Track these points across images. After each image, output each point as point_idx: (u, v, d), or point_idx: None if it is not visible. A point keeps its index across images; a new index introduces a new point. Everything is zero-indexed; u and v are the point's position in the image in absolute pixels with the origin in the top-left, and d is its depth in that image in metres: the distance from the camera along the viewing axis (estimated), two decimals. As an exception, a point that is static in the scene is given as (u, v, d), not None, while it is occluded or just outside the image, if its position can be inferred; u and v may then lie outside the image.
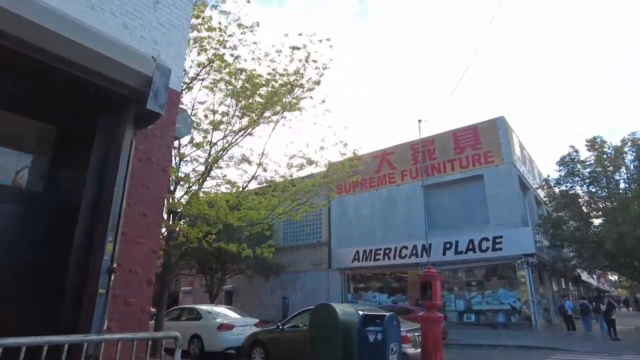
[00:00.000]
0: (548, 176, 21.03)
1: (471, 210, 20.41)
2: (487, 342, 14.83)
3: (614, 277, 45.07)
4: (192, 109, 11.67)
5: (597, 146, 19.78)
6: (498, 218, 19.09)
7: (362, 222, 23.98)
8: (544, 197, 23.13)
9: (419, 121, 11.42)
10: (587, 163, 20.27)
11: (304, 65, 11.00)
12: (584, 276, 33.18)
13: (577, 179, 20.44)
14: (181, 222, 11.61)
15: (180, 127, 4.42)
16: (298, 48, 10.27)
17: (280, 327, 9.05)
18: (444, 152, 21.88)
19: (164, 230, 11.58)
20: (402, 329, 7.26)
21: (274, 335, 8.97)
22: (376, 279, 23.37)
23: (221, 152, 11.21)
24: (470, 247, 19.14)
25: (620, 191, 19.19)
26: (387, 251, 21.93)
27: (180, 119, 4.58)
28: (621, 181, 19.17)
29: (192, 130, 11.93)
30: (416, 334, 7.54)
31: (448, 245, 19.83)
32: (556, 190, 21.14)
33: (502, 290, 18.69)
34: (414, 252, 20.94)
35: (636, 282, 22.98)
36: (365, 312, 6.58)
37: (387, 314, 6.38)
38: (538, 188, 24.10)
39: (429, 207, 21.96)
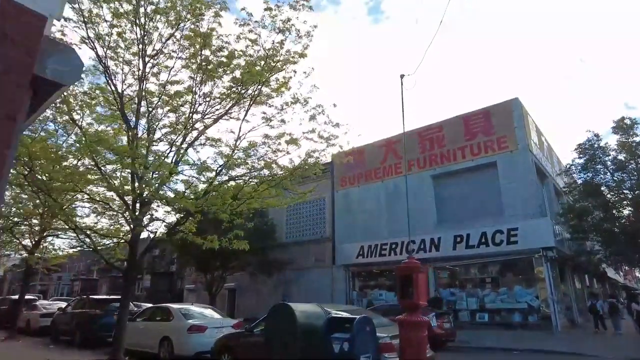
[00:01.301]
0: (573, 160, 19.17)
1: (484, 201, 18.78)
2: (501, 345, 13.31)
3: (641, 274, 42.39)
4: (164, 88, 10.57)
5: (625, 127, 17.88)
6: (513, 209, 17.44)
7: (367, 215, 22.56)
8: (564, 186, 21.27)
9: (402, 76, 9.81)
10: (610, 149, 18.41)
11: (284, 32, 9.70)
12: (610, 272, 31.03)
13: (599, 166, 18.60)
14: (152, 210, 10.45)
15: (60, 68, 2.90)
16: (271, 9, 8.94)
17: (250, 331, 7.80)
18: (454, 138, 20.28)
19: (125, 221, 10.53)
20: (385, 335, 5.90)
21: (243, 340, 7.73)
22: (383, 276, 21.95)
23: (191, 130, 10.03)
24: (483, 240, 17.55)
25: None
26: (394, 246, 20.48)
27: (59, 58, 3.07)
28: None
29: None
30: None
31: (459, 239, 18.27)
32: (576, 177, 19.28)
33: (518, 287, 17.06)
34: (422, 246, 19.44)
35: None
36: (332, 315, 5.27)
37: (358, 317, 5.05)
38: (558, 175, 22.24)
39: (438, 198, 20.42)
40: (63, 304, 18.76)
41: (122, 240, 10.55)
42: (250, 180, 10.64)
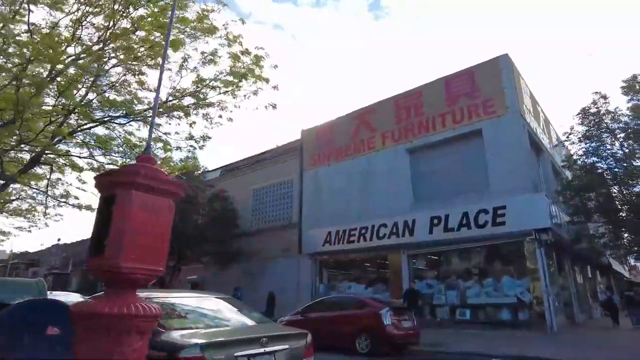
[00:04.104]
0: (572, 128, 16.04)
1: (467, 177, 15.84)
2: (481, 349, 10.39)
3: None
4: None
5: (638, 88, 14.87)
6: (501, 184, 14.49)
7: (337, 197, 19.66)
8: (563, 160, 18.24)
9: None
10: (621, 114, 15.40)
11: None
12: (615, 265, 28.04)
13: (606, 135, 15.59)
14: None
15: None
16: None
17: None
18: (434, 105, 17.31)
19: None
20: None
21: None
22: (353, 266, 19.06)
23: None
24: (464, 222, 14.61)
25: None
26: (363, 231, 17.56)
27: None
28: None
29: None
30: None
31: (436, 221, 15.34)
32: (577, 148, 16.23)
33: (506, 278, 14.12)
34: (394, 230, 16.51)
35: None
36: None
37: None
38: (556, 146, 19.21)
39: (415, 175, 17.48)
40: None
41: None
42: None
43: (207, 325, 4.10)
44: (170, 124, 9.19)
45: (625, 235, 16.37)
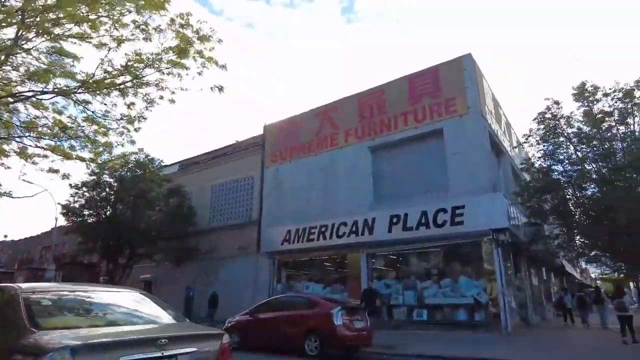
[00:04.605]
0: (530, 130, 16.15)
1: (428, 176, 15.69)
2: (435, 350, 10.09)
3: (596, 270, 40.99)
4: None
5: (587, 95, 15.12)
6: (461, 184, 14.39)
7: (298, 195, 19.11)
8: (522, 162, 18.46)
9: None
10: (575, 119, 15.67)
11: None
12: (568, 268, 28.94)
13: (562, 139, 15.81)
14: None
15: None
16: None
17: None
18: (397, 103, 17.09)
19: None
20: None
21: None
22: (312, 265, 18.55)
23: None
24: (423, 221, 14.40)
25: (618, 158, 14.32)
26: (323, 229, 17.08)
27: None
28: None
29: None
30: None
31: (395, 220, 15.06)
32: (535, 150, 16.39)
33: (463, 278, 14.00)
34: (354, 229, 16.13)
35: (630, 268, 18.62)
36: None
37: None
38: (515, 147, 19.47)
39: (376, 173, 17.19)
40: None
41: None
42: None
43: (97, 324, 3.42)
44: (105, 104, 8.31)
45: (577, 237, 16.71)
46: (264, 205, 20.44)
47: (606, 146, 14.12)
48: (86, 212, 21.11)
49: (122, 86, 7.72)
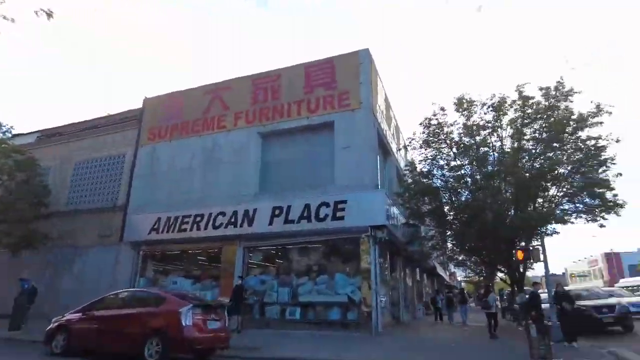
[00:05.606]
0: (414, 133, 16.58)
1: (316, 168, 15.07)
2: (297, 352, 9.27)
3: (462, 273, 45.43)
4: None
5: (465, 106, 15.93)
6: (346, 179, 13.99)
7: (175, 179, 17.08)
8: (405, 165, 19.00)
9: None
10: (457, 126, 16.41)
11: None
12: (439, 270, 31.22)
13: (443, 145, 16.43)
14: None
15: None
16: None
17: None
18: (292, 91, 16.20)
19: None
20: None
21: None
22: (183, 259, 16.69)
23: None
24: (306, 214, 13.66)
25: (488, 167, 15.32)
26: (199, 219, 15.39)
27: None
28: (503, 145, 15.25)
29: None
30: None
31: (277, 212, 14.10)
32: (417, 153, 16.86)
33: (339, 275, 13.56)
34: (232, 220, 14.77)
35: (492, 270, 20.35)
36: None
37: None
38: (400, 149, 20.02)
39: (264, 161, 16.10)
40: None
41: None
42: None
43: None
44: None
45: (449, 240, 17.63)
46: (133, 188, 17.91)
47: (481, 154, 14.94)
48: None
49: None
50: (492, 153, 15.27)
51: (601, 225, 13.96)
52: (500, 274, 19.77)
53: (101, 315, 8.57)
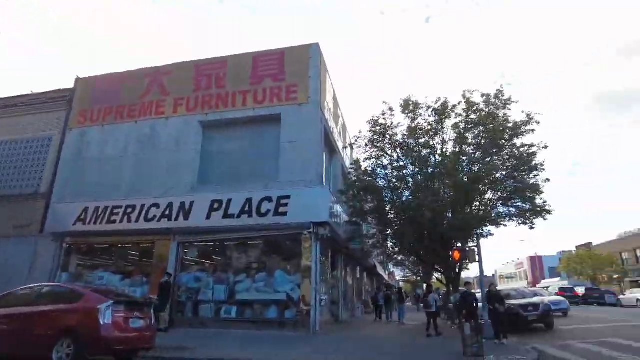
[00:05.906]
0: (360, 132, 16.61)
1: (260, 162, 14.59)
2: (228, 353, 8.80)
3: (401, 273, 46.82)
4: None
5: (411, 108, 16.19)
6: (290, 174, 13.66)
7: (107, 167, 15.82)
8: (351, 164, 19.06)
9: None
10: (402, 128, 16.64)
11: None
12: (379, 269, 31.84)
13: (388, 146, 16.57)
14: None
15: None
16: None
17: None
18: (238, 80, 15.59)
19: None
20: None
21: None
22: (111, 253, 15.48)
23: None
24: (247, 209, 13.16)
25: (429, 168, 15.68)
26: (130, 210, 14.33)
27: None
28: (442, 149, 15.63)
29: None
30: None
31: (216, 205, 13.46)
32: (362, 152, 16.89)
33: (279, 273, 13.21)
34: (167, 213, 13.90)
35: (428, 269, 20.96)
36: None
37: None
38: (346, 147, 20.04)
39: (205, 152, 15.35)
40: None
41: None
42: None
43: None
44: None
45: (389, 239, 17.90)
46: (58, 175, 16.35)
47: (423, 155, 15.25)
48: None
49: None
50: (434, 155, 15.66)
51: (531, 227, 14.82)
52: (436, 274, 20.41)
53: (5, 313, 7.55)
